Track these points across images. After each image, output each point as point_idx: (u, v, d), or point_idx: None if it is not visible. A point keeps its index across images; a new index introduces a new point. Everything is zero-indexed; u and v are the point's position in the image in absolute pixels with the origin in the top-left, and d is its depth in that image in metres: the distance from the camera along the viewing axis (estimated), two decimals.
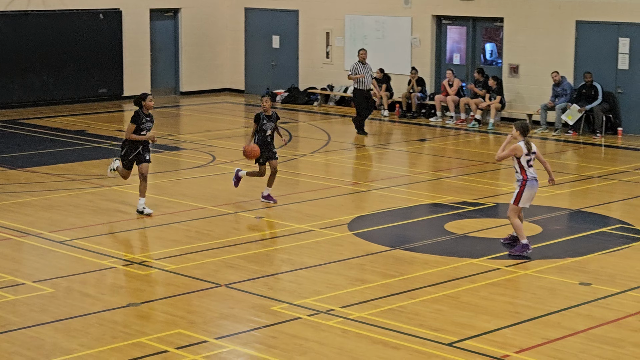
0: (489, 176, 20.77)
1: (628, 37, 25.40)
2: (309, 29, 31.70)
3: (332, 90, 30.88)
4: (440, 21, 29.14)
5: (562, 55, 26.43)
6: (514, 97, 27.24)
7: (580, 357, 10.73)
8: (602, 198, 18.47)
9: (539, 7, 26.69)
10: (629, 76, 25.58)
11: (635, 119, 25.52)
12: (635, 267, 14.02)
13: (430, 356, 10.74)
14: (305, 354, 10.80)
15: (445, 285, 13.15)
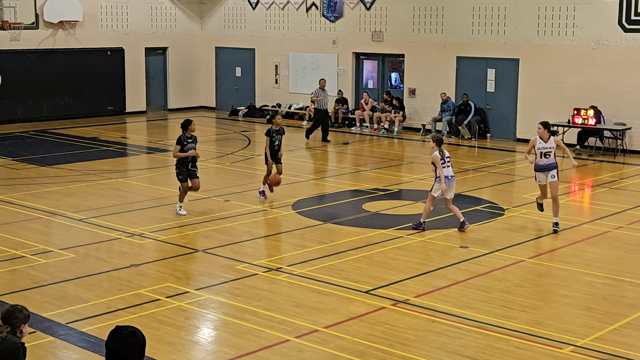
0: (393, 170, 20.91)
1: (494, 69, 25.68)
2: (262, 63, 31.74)
3: (280, 107, 30.88)
4: (359, 57, 29.24)
5: (447, 81, 26.64)
6: (412, 112, 27.41)
7: (460, 300, 10.89)
8: (475, 185, 18.69)
9: (429, 46, 26.86)
10: (494, 97, 25.88)
11: (499, 128, 25.82)
12: (500, 234, 14.23)
13: (352, 300, 10.85)
14: (261, 300, 10.87)
15: (362, 249, 13.25)
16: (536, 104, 24.76)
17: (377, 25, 28.22)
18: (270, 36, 31.27)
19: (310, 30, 30.07)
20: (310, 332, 9.72)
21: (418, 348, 9.27)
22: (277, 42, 31.03)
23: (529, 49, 24.82)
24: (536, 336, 9.63)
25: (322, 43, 29.72)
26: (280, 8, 30.80)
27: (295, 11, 30.39)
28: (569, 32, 23.99)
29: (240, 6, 32.10)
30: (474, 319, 10.15)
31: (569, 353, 9.18)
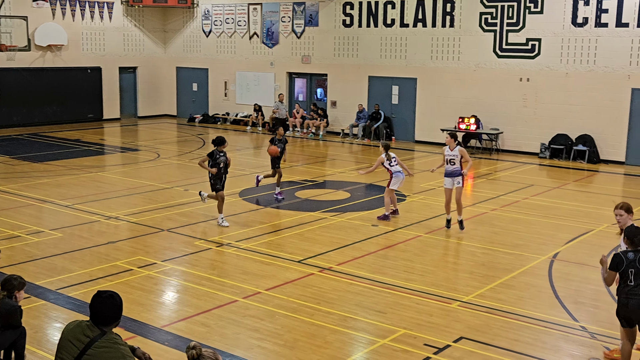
0: (319, 165, 20.94)
1: (397, 85, 25.89)
2: (214, 79, 31.41)
3: (228, 115, 30.62)
4: (291, 75, 29.16)
5: (361, 95, 26.77)
6: (334, 120, 27.46)
7: (372, 267, 10.96)
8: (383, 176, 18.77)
9: (347, 67, 26.96)
10: (398, 107, 26.08)
11: (402, 132, 26.04)
12: (402, 215, 14.33)
13: (287, 268, 10.84)
14: (215, 269, 10.79)
15: (295, 227, 13.25)
16: (430, 113, 25.08)
17: (306, 50, 28.19)
18: (221, 58, 30.99)
19: (253, 54, 29.88)
20: (254, 293, 9.68)
21: (340, 305, 9.33)
22: (226, 63, 30.77)
23: (424, 70, 25.09)
24: (432, 294, 9.78)
25: (262, 64, 29.57)
26: (228, 36, 30.55)
27: (240, 39, 30.16)
28: (456, 57, 24.32)
29: (196, 34, 31.75)
30: (383, 282, 10.25)
31: (457, 307, 9.35)
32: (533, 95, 22.86)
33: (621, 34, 21.02)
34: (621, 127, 21.38)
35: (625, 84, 21.12)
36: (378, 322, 8.79)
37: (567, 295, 9.85)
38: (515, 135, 23.28)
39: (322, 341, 8.17)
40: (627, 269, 6.99)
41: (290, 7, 28.35)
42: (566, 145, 22.13)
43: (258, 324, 8.65)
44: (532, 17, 22.59)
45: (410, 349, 7.98)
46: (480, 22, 23.63)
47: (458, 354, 7.91)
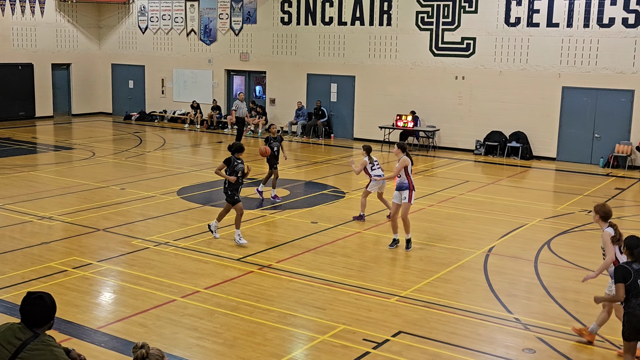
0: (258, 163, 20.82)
1: (336, 83, 26.02)
2: (151, 76, 30.96)
3: (166, 113, 30.23)
4: (230, 73, 28.98)
5: (300, 93, 26.80)
6: (273, 117, 27.40)
7: (311, 263, 10.99)
8: (323, 174, 18.91)
9: (286, 65, 26.94)
10: (337, 105, 26.22)
11: (341, 129, 26.20)
12: (341, 212, 14.43)
13: (227, 266, 10.78)
14: (152, 269, 10.63)
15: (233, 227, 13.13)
16: (368, 111, 25.29)
17: (244, 47, 28.05)
18: (157, 55, 30.55)
19: (190, 51, 29.57)
20: (193, 292, 9.59)
21: (279, 302, 9.32)
22: (163, 60, 30.37)
23: (362, 68, 25.28)
24: (370, 289, 9.87)
25: (200, 61, 29.30)
26: (165, 33, 30.14)
27: (177, 35, 29.80)
28: (393, 56, 24.58)
29: (132, 31, 31.21)
30: (322, 278, 10.29)
31: (395, 302, 9.45)
32: (468, 93, 23.29)
33: (552, 34, 21.62)
34: (552, 124, 21.99)
35: (556, 82, 21.73)
36: (317, 318, 8.82)
37: (501, 288, 10.08)
38: (451, 133, 23.68)
39: (262, 339, 8.15)
40: (635, 279, 6.69)
41: (228, 4, 28.15)
42: (500, 142, 22.64)
43: (197, 323, 8.56)
44: (467, 16, 23.01)
45: (350, 344, 8.04)
46: (416, 21, 23.94)
47: (397, 348, 8.00)
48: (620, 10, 20.60)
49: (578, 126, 21.68)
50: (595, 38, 21.02)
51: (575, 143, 21.77)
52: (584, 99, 21.49)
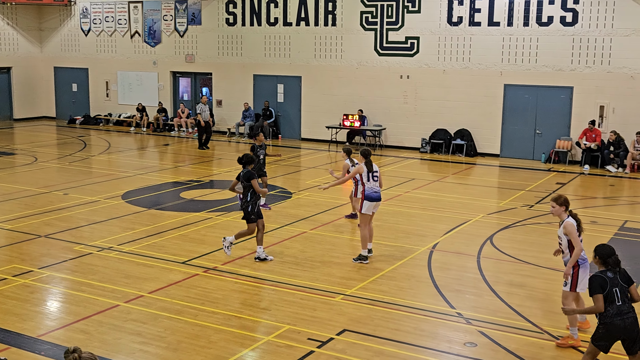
0: (205, 165, 20.73)
1: (282, 84, 26.03)
2: (95, 79, 30.47)
3: (111, 116, 29.79)
4: (175, 75, 28.72)
5: (247, 94, 26.73)
6: (220, 119, 27.25)
7: (257, 264, 10.95)
8: (270, 174, 18.86)
9: (232, 66, 26.84)
10: (284, 106, 26.23)
11: (288, 130, 26.22)
12: (289, 212, 14.42)
13: (171, 270, 10.69)
14: (96, 274, 10.48)
15: (180, 229, 13.08)
16: (315, 111, 25.36)
17: (190, 49, 27.84)
18: (101, 58, 30.09)
19: (135, 53, 29.20)
20: (136, 297, 9.49)
21: (224, 304, 9.29)
22: (107, 62, 29.92)
23: (308, 68, 25.34)
24: (315, 289, 9.91)
25: (145, 64, 28.97)
26: (108, 35, 29.70)
27: (121, 37, 29.41)
28: (338, 56, 24.70)
29: (74, 33, 30.67)
30: (268, 279, 10.29)
31: (340, 300, 9.51)
32: (413, 92, 23.55)
33: (493, 33, 22.01)
34: (495, 121, 22.40)
35: (498, 80, 22.14)
36: (262, 319, 8.82)
37: (445, 284, 10.23)
38: (397, 131, 23.90)
39: (206, 341, 8.11)
40: (612, 288, 6.54)
41: (172, 5, 27.90)
42: (445, 139, 22.95)
43: (140, 327, 8.47)
44: (411, 16, 23.27)
45: (294, 344, 8.06)
46: (361, 21, 24.11)
47: (341, 346, 8.06)
48: (558, 9, 21.10)
49: (520, 123, 22.12)
50: (534, 36, 21.49)
51: (517, 139, 22.22)
52: (525, 96, 21.95)
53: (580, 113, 21.23)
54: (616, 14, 20.41)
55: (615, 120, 20.80)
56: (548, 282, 10.34)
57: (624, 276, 6.66)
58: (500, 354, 7.94)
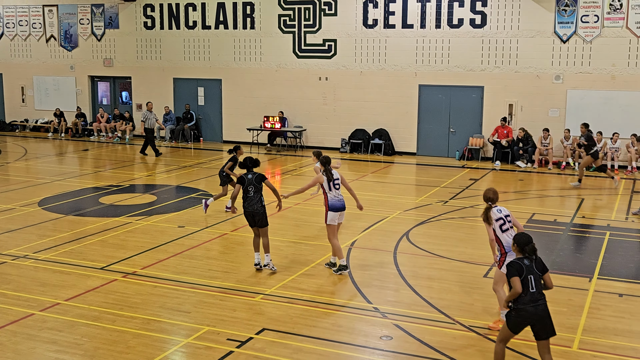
0: (126, 169, 20.34)
1: (203, 87, 25.80)
2: (10, 84, 29.40)
3: (28, 122, 28.83)
4: (94, 79, 28.05)
5: (167, 97, 26.36)
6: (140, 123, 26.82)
7: (177, 268, 10.83)
8: (192, 177, 18.70)
9: (151, 70, 26.42)
10: (204, 109, 26.00)
11: (210, 133, 26.01)
12: (209, 215, 14.29)
13: (89, 276, 10.45)
14: (9, 284, 10.13)
15: (99, 234, 12.78)
16: (237, 113, 25.25)
17: (108, 53, 27.25)
18: (16, 63, 29.09)
19: (51, 58, 28.37)
20: (52, 305, 9.22)
21: (143, 309, 9.14)
22: (22, 67, 28.95)
23: (228, 71, 25.20)
24: (236, 290, 9.86)
25: (61, 68, 28.19)
26: (22, 39, 28.76)
27: (36, 42, 28.51)
28: (258, 58, 24.66)
29: None
30: (188, 282, 10.18)
31: (260, 300, 9.50)
32: (332, 93, 23.74)
33: (407, 34, 22.42)
34: (411, 120, 22.82)
35: (413, 81, 22.57)
36: (182, 322, 8.71)
37: (362, 280, 10.35)
38: (317, 132, 24.04)
39: (124, 346, 7.96)
40: (527, 275, 6.75)
41: (88, 8, 27.24)
42: (364, 139, 23.24)
43: (56, 336, 8.24)
44: (328, 19, 23.45)
45: (214, 345, 8.00)
46: (279, 24, 24.14)
47: (260, 345, 8.05)
48: (467, 11, 21.67)
49: (435, 122, 22.61)
50: (446, 38, 22.00)
51: (432, 138, 22.70)
52: (439, 96, 22.44)
53: (490, 111, 21.87)
54: (522, 16, 21.13)
55: (524, 117, 21.53)
56: (461, 275, 10.61)
57: (540, 264, 6.91)
58: (414, 345, 8.10)
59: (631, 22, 20.09)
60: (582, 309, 9.20)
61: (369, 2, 22.74)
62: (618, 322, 8.78)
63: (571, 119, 20.93)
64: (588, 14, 20.46)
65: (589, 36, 20.56)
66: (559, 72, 20.97)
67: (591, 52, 20.59)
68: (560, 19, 20.73)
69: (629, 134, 20.28)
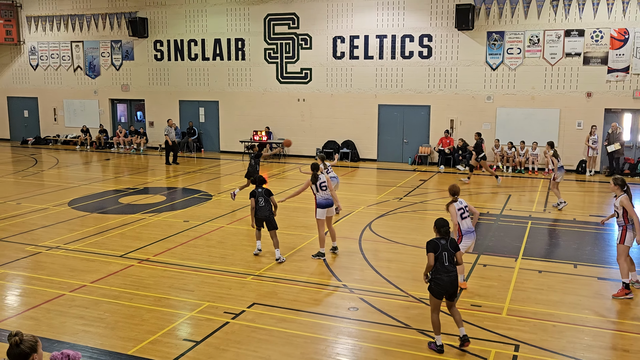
0: (141, 175, 20.10)
1: (203, 107, 25.60)
2: (44, 106, 28.92)
3: (59, 137, 28.40)
4: (114, 101, 27.71)
5: (174, 116, 26.11)
6: (154, 138, 26.53)
7: (183, 255, 10.71)
8: (195, 180, 18.52)
9: (161, 94, 26.18)
10: (205, 125, 25.80)
11: (209, 144, 25.81)
12: (210, 210, 14.19)
13: (110, 263, 10.30)
14: (44, 269, 9.92)
15: (118, 228, 12.62)
16: (231, 128, 25.10)
17: (125, 80, 26.95)
18: (49, 88, 28.65)
19: (78, 84, 27.99)
20: (80, 287, 9.08)
21: (155, 288, 9.04)
22: (54, 92, 28.52)
23: (224, 94, 25.06)
24: (231, 272, 9.79)
25: (87, 92, 27.82)
26: (54, 69, 28.35)
27: (65, 71, 28.12)
28: (248, 84, 24.55)
29: (24, 68, 29.09)
30: (192, 266, 10.09)
31: (250, 280, 9.43)
32: (308, 111, 23.71)
33: (368, 64, 22.46)
34: (373, 133, 22.87)
35: (374, 101, 22.61)
36: (187, 299, 8.63)
37: (333, 262, 10.32)
38: (297, 143, 23.98)
39: (140, 320, 7.87)
40: (442, 252, 6.87)
41: (108, 44, 26.93)
42: (335, 148, 23.23)
43: (83, 312, 8.12)
44: (304, 51, 23.42)
45: (213, 317, 7.94)
46: (265, 56, 24.06)
47: (251, 316, 8.00)
48: (417, 45, 21.77)
49: (391, 134, 22.68)
50: (400, 67, 22.09)
51: (390, 147, 22.77)
52: (394, 113, 22.52)
53: (436, 125, 21.99)
54: (460, 49, 21.29)
55: (462, 130, 21.68)
56: (413, 257, 10.64)
57: (453, 243, 7.03)
58: (376, 314, 8.10)
59: (546, 53, 20.35)
60: (509, 283, 9.29)
61: (337, 38, 22.77)
62: (538, 294, 8.87)
63: (500, 131, 21.13)
64: (512, 47, 20.68)
65: (513, 65, 20.77)
66: (490, 94, 21.16)
67: (515, 77, 20.81)
68: (491, 51, 20.93)
69: (545, 143, 20.53)
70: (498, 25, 20.67)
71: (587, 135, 19.91)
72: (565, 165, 20.39)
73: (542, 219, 13.57)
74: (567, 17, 19.95)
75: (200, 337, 7.34)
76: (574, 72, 20.11)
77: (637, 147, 20.20)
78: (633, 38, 19.36)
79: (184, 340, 7.27)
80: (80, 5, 27.11)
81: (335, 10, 22.71)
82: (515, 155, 20.70)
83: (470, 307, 8.26)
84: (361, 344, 7.22)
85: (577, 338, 7.36)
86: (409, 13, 21.72)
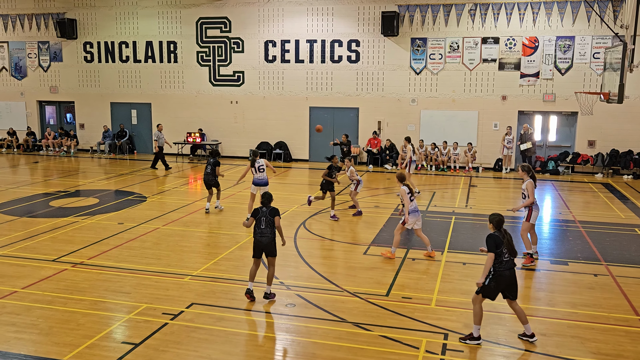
0: (72, 178, 19.24)
1: (135, 109, 24.87)
2: None
3: None
4: (42, 103, 26.39)
5: (105, 118, 25.21)
6: (86, 141, 25.48)
7: (118, 257, 10.36)
8: (128, 182, 17.95)
9: (91, 96, 25.17)
10: (138, 127, 25.08)
11: (141, 146, 25.10)
12: (143, 213, 13.76)
13: (42, 267, 9.80)
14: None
15: (50, 232, 12.01)
16: (165, 130, 24.44)
17: (53, 82, 25.75)
18: None
19: (3, 86, 26.48)
20: (10, 293, 8.59)
21: (90, 292, 8.68)
22: None
23: (157, 96, 24.42)
24: (168, 273, 9.55)
25: (13, 94, 26.37)
26: None
27: None
28: (181, 86, 24.04)
29: None
30: (127, 268, 9.77)
31: (188, 280, 9.24)
32: (241, 113, 23.49)
33: (299, 68, 22.51)
34: (304, 134, 22.93)
35: (305, 104, 22.68)
36: (124, 301, 8.34)
37: None
38: (230, 144, 23.72)
39: (75, 324, 7.53)
40: (260, 217, 8.20)
41: (35, 45, 25.65)
42: (268, 149, 23.12)
43: (15, 319, 7.68)
44: (237, 55, 23.17)
45: (151, 319, 7.71)
46: (197, 59, 23.64)
47: (189, 316, 7.83)
48: (345, 50, 22.01)
49: (322, 135, 22.82)
50: (330, 71, 22.26)
51: (321, 148, 22.90)
52: (325, 115, 22.67)
53: (364, 127, 22.32)
54: (386, 55, 21.70)
55: (389, 131, 22.11)
56: (346, 253, 10.74)
57: (273, 211, 8.23)
58: (312, 310, 8.12)
59: (465, 59, 21.08)
60: (437, 276, 9.54)
61: (269, 42, 22.67)
62: (463, 284, 9.16)
63: (424, 131, 21.69)
64: (434, 52, 21.28)
65: (435, 69, 21.38)
66: (414, 97, 21.69)
67: (437, 81, 21.43)
68: (415, 56, 21.45)
69: (466, 143, 21.27)
70: (421, 32, 21.21)
71: (503, 135, 20.76)
72: (483, 164, 21.19)
73: (464, 214, 14.02)
74: (483, 26, 20.72)
75: (139, 339, 7.11)
76: (490, 77, 20.93)
77: (547, 146, 21.27)
78: (542, 46, 20.36)
79: (122, 343, 7.03)
80: (5, 5, 25.66)
81: (266, 15, 22.59)
82: (438, 154, 21.32)
83: (401, 300, 8.43)
84: (299, 339, 7.22)
85: (499, 325, 7.65)
86: (338, 19, 21.92)
